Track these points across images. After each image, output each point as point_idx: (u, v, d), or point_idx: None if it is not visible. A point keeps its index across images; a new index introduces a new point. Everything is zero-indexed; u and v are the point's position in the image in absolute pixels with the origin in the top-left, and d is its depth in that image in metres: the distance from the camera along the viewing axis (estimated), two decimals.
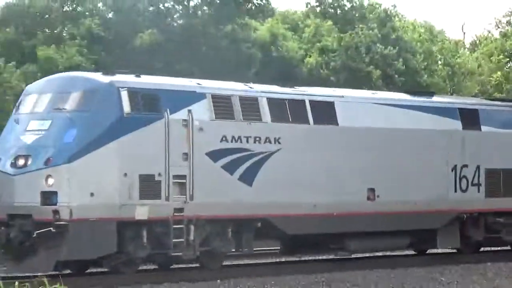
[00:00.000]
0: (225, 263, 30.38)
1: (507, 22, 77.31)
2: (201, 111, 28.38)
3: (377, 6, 60.01)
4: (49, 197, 25.71)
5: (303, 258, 33.67)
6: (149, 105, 27.41)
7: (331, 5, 56.21)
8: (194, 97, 28.54)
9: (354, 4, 57.69)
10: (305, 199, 30.32)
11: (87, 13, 53.07)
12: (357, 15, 56.87)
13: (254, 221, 29.63)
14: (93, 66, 42.74)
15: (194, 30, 46.71)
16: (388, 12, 60.75)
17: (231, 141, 28.89)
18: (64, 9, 51.80)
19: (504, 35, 75.44)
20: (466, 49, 74.78)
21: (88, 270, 28.54)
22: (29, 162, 26.10)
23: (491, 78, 68.70)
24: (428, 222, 33.85)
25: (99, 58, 47.98)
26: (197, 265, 29.57)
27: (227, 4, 47.57)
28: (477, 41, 78.65)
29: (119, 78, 27.60)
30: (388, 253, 35.43)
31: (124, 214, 26.57)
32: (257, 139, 29.49)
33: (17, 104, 28.25)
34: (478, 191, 35.16)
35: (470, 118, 35.34)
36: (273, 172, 29.69)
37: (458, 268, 32.24)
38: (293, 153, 30.24)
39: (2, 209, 26.38)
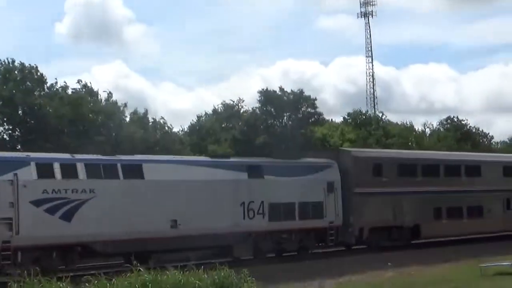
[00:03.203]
0: None
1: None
2: (26, 173, 24.14)
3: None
4: None
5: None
6: None
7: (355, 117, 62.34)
8: (21, 164, 24.33)
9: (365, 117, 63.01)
10: (119, 229, 25.97)
11: None
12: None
13: (75, 246, 25.21)
14: None
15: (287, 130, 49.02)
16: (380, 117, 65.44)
17: (52, 193, 24.57)
18: None
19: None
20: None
21: None
22: None
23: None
24: (225, 240, 29.39)
25: None
26: None
27: (303, 119, 50.45)
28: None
29: None
30: None
31: None
32: (75, 190, 25.14)
33: None
34: (263, 217, 30.67)
35: (255, 171, 31.06)
36: (89, 212, 25.32)
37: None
38: (106, 199, 25.86)
39: None
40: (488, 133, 78.11)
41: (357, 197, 34.78)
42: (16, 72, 39.29)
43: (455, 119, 75.06)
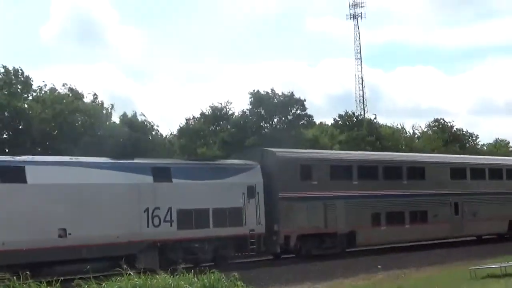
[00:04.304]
0: None
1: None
2: None
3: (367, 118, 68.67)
4: None
5: None
6: None
7: (345, 120, 63.62)
8: None
9: (355, 119, 63.82)
10: None
11: None
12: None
13: None
14: None
15: (277, 132, 51.13)
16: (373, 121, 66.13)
17: None
18: None
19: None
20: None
21: None
22: None
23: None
24: (126, 249, 27.20)
25: None
26: None
27: (293, 121, 53.32)
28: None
29: None
30: None
31: None
32: None
33: None
34: (171, 225, 28.55)
35: (162, 173, 28.92)
36: None
37: None
38: None
39: None
40: (472, 133, 78.47)
41: (283, 202, 32.76)
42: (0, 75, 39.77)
43: (442, 121, 75.74)
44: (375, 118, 67.67)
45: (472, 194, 41.36)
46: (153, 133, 46.89)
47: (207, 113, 54.95)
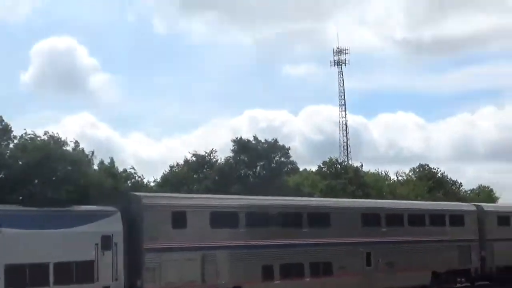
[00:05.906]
0: None
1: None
2: None
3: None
4: None
5: None
6: None
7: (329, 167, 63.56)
8: None
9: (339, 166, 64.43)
10: None
11: None
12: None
13: None
14: None
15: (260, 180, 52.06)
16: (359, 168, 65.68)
17: None
18: None
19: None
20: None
21: None
22: None
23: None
24: None
25: None
26: None
27: (276, 168, 53.89)
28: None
29: None
30: None
31: None
32: None
33: None
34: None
35: None
36: None
37: None
38: None
39: None
40: (456, 180, 77.97)
41: (149, 254, 28.76)
42: None
43: (427, 167, 75.58)
44: (362, 166, 66.87)
45: (388, 242, 37.66)
46: (133, 181, 46.81)
47: (190, 161, 55.11)
